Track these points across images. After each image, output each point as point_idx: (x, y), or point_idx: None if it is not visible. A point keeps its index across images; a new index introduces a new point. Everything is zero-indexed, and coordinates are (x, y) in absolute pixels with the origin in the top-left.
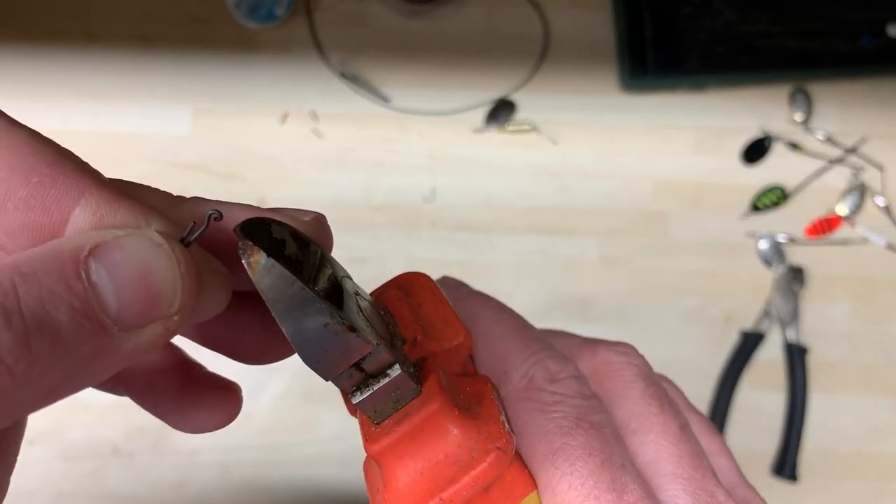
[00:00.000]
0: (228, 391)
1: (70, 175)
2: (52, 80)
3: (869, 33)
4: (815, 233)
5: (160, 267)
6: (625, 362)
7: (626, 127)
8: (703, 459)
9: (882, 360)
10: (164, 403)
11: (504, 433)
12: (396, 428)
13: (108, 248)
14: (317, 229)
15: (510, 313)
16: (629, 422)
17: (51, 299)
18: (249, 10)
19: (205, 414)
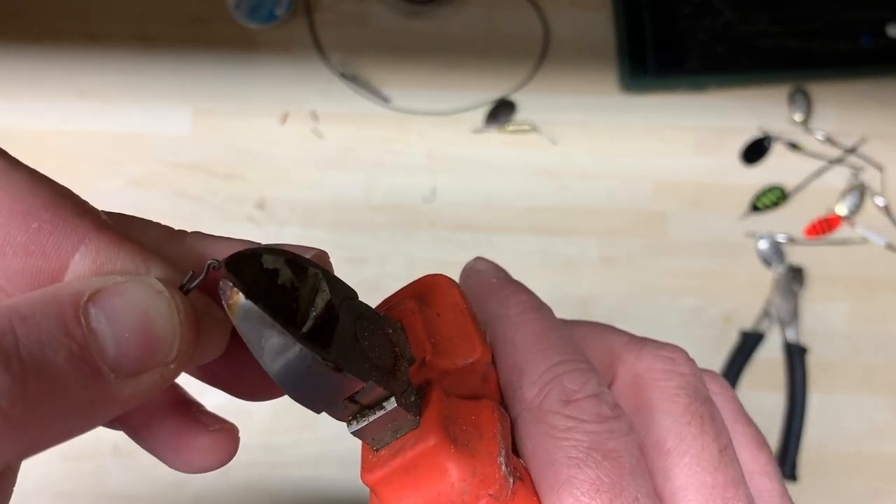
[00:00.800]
0: (225, 432)
1: (70, 219)
2: (52, 80)
3: (869, 33)
4: (814, 233)
5: (159, 315)
6: (670, 371)
7: (626, 127)
8: (739, 488)
9: (881, 359)
10: (160, 442)
11: (499, 478)
12: (391, 461)
13: (107, 294)
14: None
15: (538, 312)
16: (665, 440)
17: (49, 343)
18: (250, 10)
19: (200, 455)
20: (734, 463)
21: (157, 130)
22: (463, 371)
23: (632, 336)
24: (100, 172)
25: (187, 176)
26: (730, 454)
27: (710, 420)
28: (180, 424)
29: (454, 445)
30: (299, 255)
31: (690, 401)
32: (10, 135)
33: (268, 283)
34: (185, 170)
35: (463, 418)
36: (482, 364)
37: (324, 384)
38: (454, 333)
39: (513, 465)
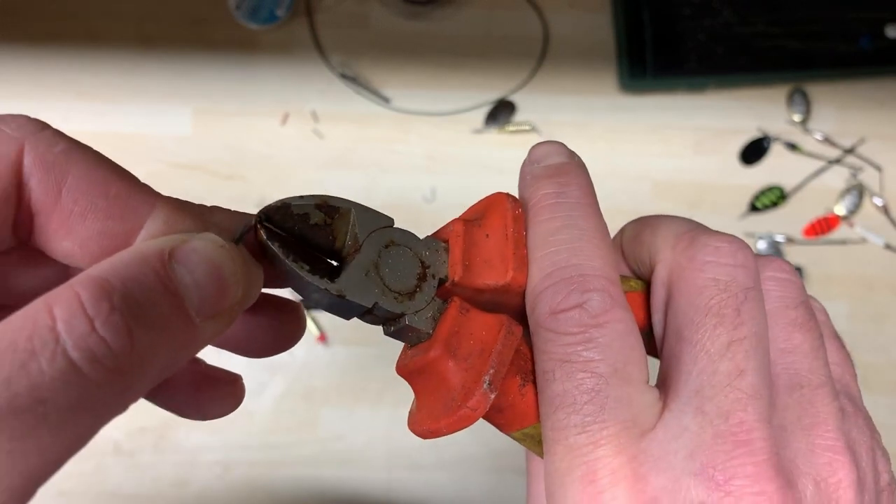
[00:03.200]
0: (233, 382)
1: (139, 188)
2: (53, 81)
3: (867, 34)
4: (813, 233)
5: (225, 264)
6: (709, 262)
7: (625, 127)
8: (745, 377)
9: (880, 359)
10: (178, 398)
11: (478, 395)
12: (410, 362)
13: (183, 250)
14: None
15: (550, 210)
16: (682, 329)
17: (149, 296)
18: (250, 11)
19: (215, 403)
20: (749, 353)
21: (158, 131)
22: (496, 291)
23: (690, 226)
24: None
25: (188, 176)
26: (746, 345)
27: (734, 312)
28: (196, 380)
29: (452, 360)
30: (331, 197)
31: (718, 292)
32: None
33: (302, 225)
34: (186, 170)
35: (474, 333)
36: (514, 287)
37: (338, 306)
38: (493, 255)
39: (522, 377)
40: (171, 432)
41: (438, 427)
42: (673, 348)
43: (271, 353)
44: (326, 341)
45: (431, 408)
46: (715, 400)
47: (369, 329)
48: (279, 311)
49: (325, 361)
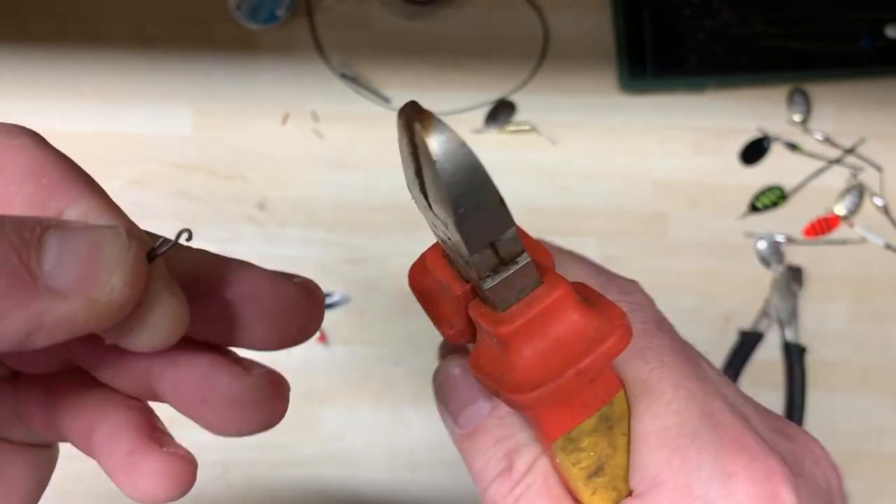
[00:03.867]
0: (179, 458)
1: (71, 178)
2: (52, 81)
3: (868, 34)
4: (813, 233)
5: (107, 244)
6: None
7: (625, 127)
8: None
9: (881, 359)
10: (111, 457)
11: (624, 314)
12: (527, 310)
13: (74, 225)
14: (300, 296)
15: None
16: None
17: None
18: (250, 11)
19: (147, 478)
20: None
21: (158, 131)
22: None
23: (596, 270)
24: (101, 173)
25: (188, 176)
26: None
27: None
28: (134, 441)
29: (579, 296)
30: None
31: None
32: None
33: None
34: (186, 170)
35: (575, 288)
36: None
37: (490, 216)
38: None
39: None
40: (170, 432)
41: (594, 359)
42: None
43: (285, 343)
44: (326, 341)
45: (566, 350)
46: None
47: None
48: (294, 293)
49: (325, 361)
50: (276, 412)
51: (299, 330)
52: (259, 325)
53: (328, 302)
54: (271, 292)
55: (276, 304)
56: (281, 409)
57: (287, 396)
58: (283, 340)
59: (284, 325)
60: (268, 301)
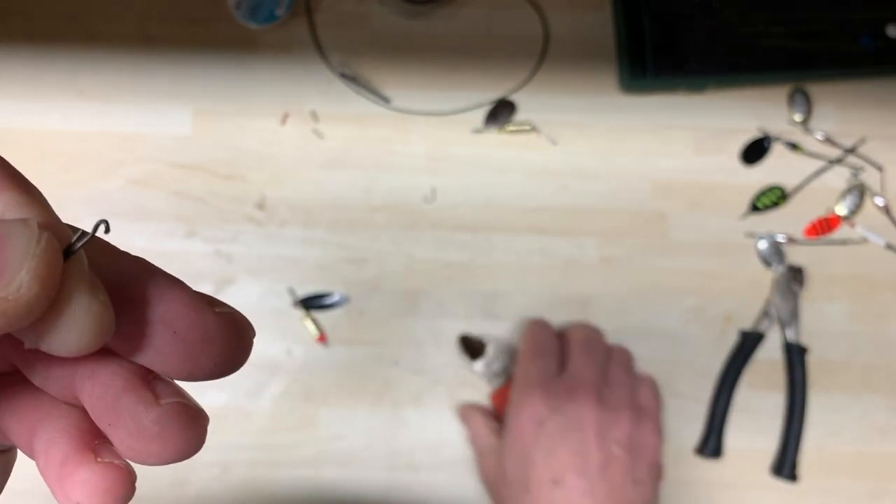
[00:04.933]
0: (113, 469)
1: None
2: (52, 81)
3: (868, 34)
4: (814, 233)
5: (13, 237)
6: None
7: (625, 127)
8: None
9: (882, 359)
10: (46, 464)
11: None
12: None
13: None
14: (220, 329)
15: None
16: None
17: None
18: (250, 10)
19: (78, 488)
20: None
21: (158, 131)
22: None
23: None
24: (100, 173)
25: (188, 176)
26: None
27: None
28: (68, 449)
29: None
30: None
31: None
32: (11, 135)
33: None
34: (186, 170)
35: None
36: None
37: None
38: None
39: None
40: None
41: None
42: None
43: (197, 376)
44: (326, 341)
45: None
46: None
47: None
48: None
49: (325, 361)
50: (187, 447)
51: (213, 365)
52: (170, 350)
53: (328, 302)
54: (187, 319)
55: (191, 333)
56: (193, 442)
57: (203, 429)
58: (193, 373)
59: (196, 356)
60: (182, 328)
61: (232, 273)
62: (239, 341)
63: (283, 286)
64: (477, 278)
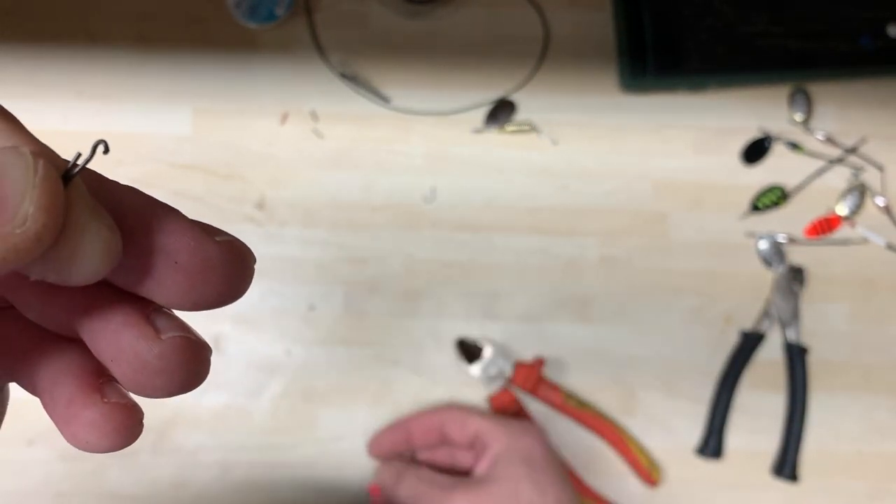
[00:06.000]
0: (120, 407)
1: None
2: (51, 80)
3: (869, 34)
4: (814, 233)
5: (11, 169)
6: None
7: (625, 127)
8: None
9: (882, 359)
10: (53, 407)
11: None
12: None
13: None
14: (221, 257)
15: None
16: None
17: None
18: (249, 10)
19: (86, 429)
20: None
21: (157, 130)
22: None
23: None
24: (100, 172)
25: (187, 176)
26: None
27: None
28: (74, 389)
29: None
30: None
31: None
32: None
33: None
34: (185, 170)
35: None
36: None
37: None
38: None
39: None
40: (170, 433)
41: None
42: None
43: (200, 305)
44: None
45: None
46: None
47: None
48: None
49: (325, 361)
50: (190, 379)
51: (216, 294)
52: (171, 281)
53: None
54: (188, 249)
55: (192, 262)
56: (196, 376)
57: (207, 361)
58: (197, 302)
59: (199, 286)
60: (183, 258)
61: None
62: (240, 268)
63: (283, 286)
64: (477, 278)
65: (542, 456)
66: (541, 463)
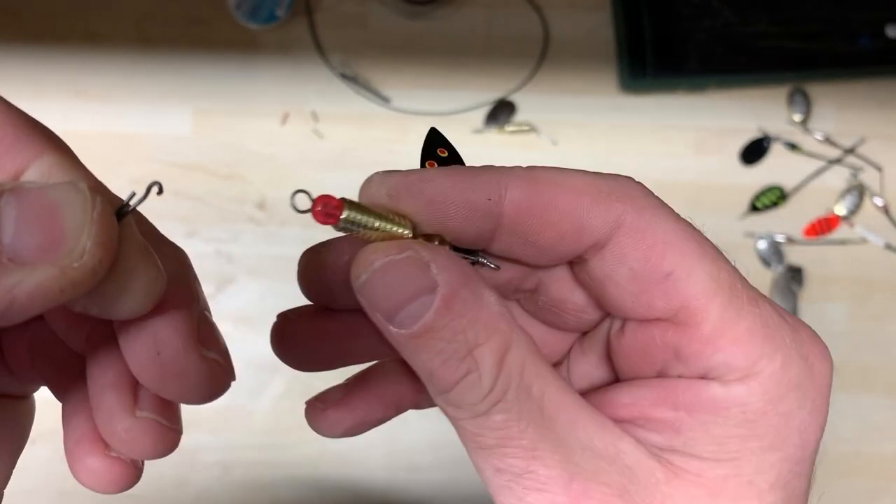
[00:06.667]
0: (119, 463)
1: (28, 136)
2: (52, 80)
3: (868, 34)
4: (813, 233)
5: (69, 205)
6: None
7: (625, 127)
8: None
9: (881, 359)
10: (66, 444)
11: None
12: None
13: (30, 188)
14: (204, 371)
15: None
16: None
17: None
18: (250, 10)
19: (88, 475)
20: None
21: (158, 131)
22: None
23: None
24: (100, 173)
25: (188, 176)
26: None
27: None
28: (84, 432)
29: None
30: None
31: None
32: None
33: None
34: (186, 170)
35: None
36: None
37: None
38: None
39: None
40: None
41: None
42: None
43: (180, 401)
44: None
45: None
46: None
47: None
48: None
49: None
50: (151, 455)
51: (182, 396)
52: (147, 366)
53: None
54: (174, 349)
55: (170, 364)
56: (157, 454)
57: (172, 445)
58: (162, 392)
59: (168, 384)
60: (166, 354)
61: (232, 273)
62: (212, 388)
63: (283, 286)
64: None
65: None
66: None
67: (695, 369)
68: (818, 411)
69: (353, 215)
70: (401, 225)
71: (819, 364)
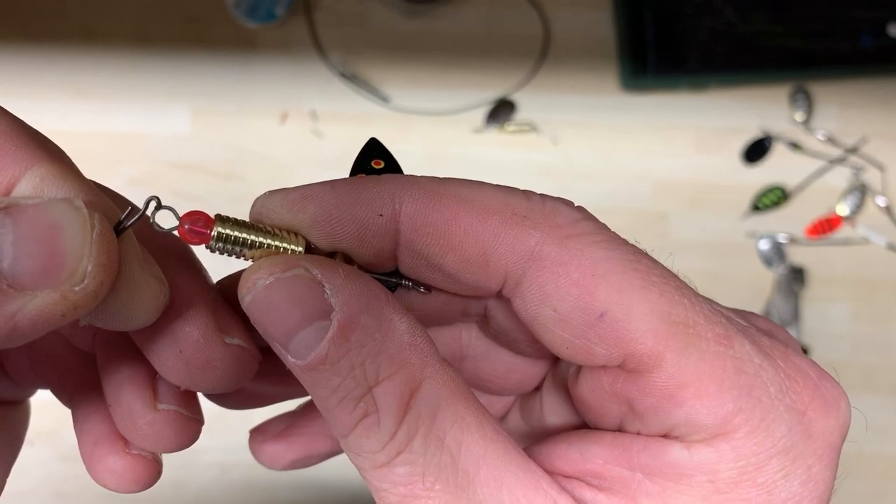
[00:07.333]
0: (141, 459)
1: (21, 147)
2: (51, 80)
3: (869, 33)
4: (815, 233)
5: (69, 226)
6: None
7: (626, 127)
8: None
9: (883, 359)
10: (83, 446)
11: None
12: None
13: (25, 206)
14: (229, 357)
15: None
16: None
17: None
18: (249, 9)
19: (108, 475)
20: None
21: (157, 130)
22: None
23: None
24: (99, 172)
25: (187, 176)
26: None
27: None
28: (101, 433)
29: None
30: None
31: None
32: None
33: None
34: (185, 170)
35: None
36: None
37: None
38: None
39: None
40: None
41: None
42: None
43: (208, 392)
44: None
45: None
46: None
47: None
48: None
49: None
50: (174, 447)
51: (211, 386)
52: (172, 365)
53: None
54: (194, 344)
55: (195, 358)
56: (180, 446)
57: (194, 435)
58: (191, 387)
59: (196, 377)
60: (188, 350)
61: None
62: (240, 372)
63: None
64: None
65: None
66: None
67: (653, 426)
68: (815, 482)
69: (227, 233)
70: (292, 242)
71: (822, 420)
